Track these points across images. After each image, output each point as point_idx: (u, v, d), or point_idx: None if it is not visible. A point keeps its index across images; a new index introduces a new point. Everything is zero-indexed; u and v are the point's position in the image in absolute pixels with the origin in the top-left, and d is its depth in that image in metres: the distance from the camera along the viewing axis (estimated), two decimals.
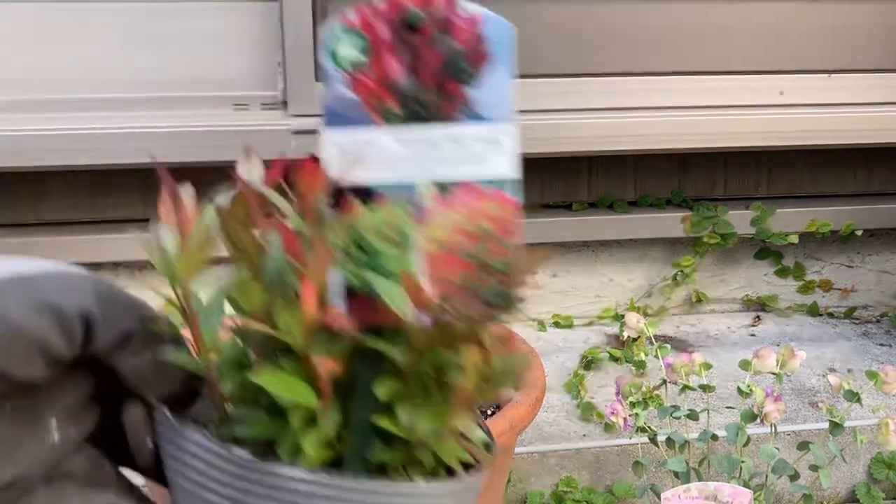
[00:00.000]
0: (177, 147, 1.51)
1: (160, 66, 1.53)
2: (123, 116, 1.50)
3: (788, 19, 1.76)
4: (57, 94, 1.51)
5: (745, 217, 1.80)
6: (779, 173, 1.89)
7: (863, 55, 1.79)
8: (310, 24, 1.53)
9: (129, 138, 1.49)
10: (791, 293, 1.92)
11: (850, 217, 1.85)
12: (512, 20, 0.39)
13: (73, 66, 1.51)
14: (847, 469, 1.44)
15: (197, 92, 1.55)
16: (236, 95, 1.56)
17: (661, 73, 1.70)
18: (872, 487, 1.43)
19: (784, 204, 1.84)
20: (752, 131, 1.72)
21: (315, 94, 1.56)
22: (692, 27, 1.73)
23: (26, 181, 1.57)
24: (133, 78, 1.53)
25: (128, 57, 1.52)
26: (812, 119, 1.74)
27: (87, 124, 1.48)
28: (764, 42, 1.76)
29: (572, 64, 1.66)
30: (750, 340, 1.77)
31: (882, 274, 1.95)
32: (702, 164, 1.83)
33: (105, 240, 1.57)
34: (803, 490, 1.14)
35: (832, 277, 1.93)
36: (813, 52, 1.77)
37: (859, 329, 1.85)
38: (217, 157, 1.54)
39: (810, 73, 1.76)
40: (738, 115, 1.72)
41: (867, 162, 1.90)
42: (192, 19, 1.54)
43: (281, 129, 1.53)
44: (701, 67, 1.73)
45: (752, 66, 1.74)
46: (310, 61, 1.54)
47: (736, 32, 1.75)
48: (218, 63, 1.56)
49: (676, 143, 1.69)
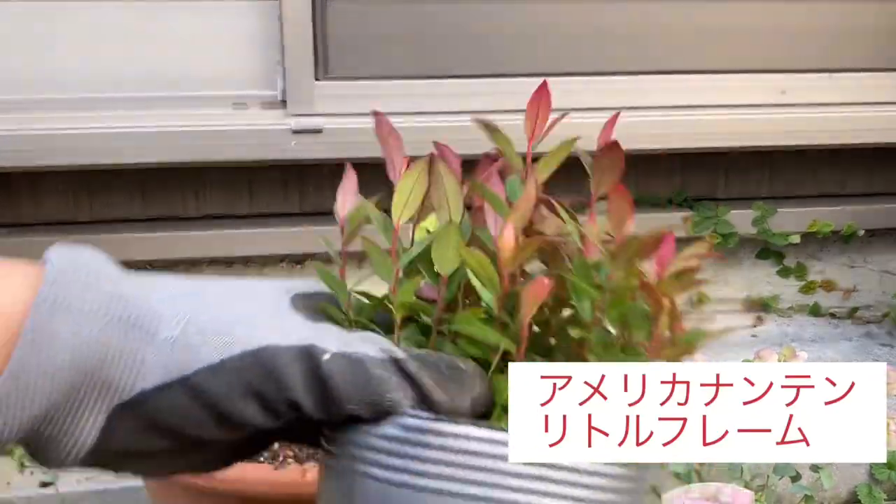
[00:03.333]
0: (176, 147, 1.50)
1: (159, 66, 1.53)
2: (123, 116, 1.50)
3: (790, 18, 1.76)
4: (56, 93, 1.51)
5: (746, 217, 1.80)
6: (780, 173, 1.88)
7: (865, 54, 1.79)
8: (309, 23, 1.52)
9: (129, 138, 1.48)
10: (793, 294, 1.91)
11: (852, 217, 1.84)
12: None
13: (72, 66, 1.51)
14: (848, 470, 1.44)
15: (196, 91, 1.54)
16: (236, 95, 1.56)
17: (660, 72, 1.70)
18: (874, 488, 1.43)
19: (785, 204, 1.84)
20: (753, 131, 1.72)
21: (314, 93, 1.55)
22: (692, 26, 1.73)
23: (26, 181, 1.56)
24: (132, 77, 1.53)
25: (127, 56, 1.52)
26: (814, 119, 1.73)
27: (87, 124, 1.48)
28: (765, 41, 1.75)
29: (572, 63, 1.66)
30: (751, 341, 1.76)
31: (884, 274, 1.94)
32: (703, 164, 1.82)
33: (104, 240, 1.57)
34: (805, 491, 1.13)
35: (834, 278, 1.92)
36: (815, 52, 1.77)
37: (861, 329, 1.85)
38: (217, 156, 1.55)
39: (812, 72, 1.75)
40: (739, 114, 1.71)
41: (869, 162, 1.90)
42: (191, 18, 1.53)
43: (280, 129, 1.52)
44: (702, 66, 1.72)
45: (754, 65, 1.74)
46: (309, 60, 1.54)
47: (737, 31, 1.74)
48: (217, 62, 1.55)
49: (677, 143, 1.68)
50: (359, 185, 0.50)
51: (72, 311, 0.39)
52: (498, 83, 1.59)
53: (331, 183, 1.67)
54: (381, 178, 0.49)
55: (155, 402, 0.40)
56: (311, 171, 1.62)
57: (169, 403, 0.40)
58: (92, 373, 0.40)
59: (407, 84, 1.59)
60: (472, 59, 1.64)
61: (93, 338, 0.39)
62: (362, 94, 1.57)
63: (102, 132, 1.48)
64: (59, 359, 0.39)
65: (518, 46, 1.65)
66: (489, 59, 1.64)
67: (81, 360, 0.39)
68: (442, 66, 1.61)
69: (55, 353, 0.39)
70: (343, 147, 1.52)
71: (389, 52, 1.60)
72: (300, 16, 1.51)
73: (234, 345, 0.40)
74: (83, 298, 0.40)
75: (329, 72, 1.57)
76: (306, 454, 1.00)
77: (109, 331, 0.40)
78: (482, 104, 1.52)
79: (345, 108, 1.55)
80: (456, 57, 1.63)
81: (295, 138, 1.52)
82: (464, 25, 1.63)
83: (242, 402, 0.40)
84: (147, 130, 1.49)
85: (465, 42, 1.64)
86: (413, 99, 1.56)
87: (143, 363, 0.40)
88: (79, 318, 0.39)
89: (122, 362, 0.40)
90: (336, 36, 1.57)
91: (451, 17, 1.62)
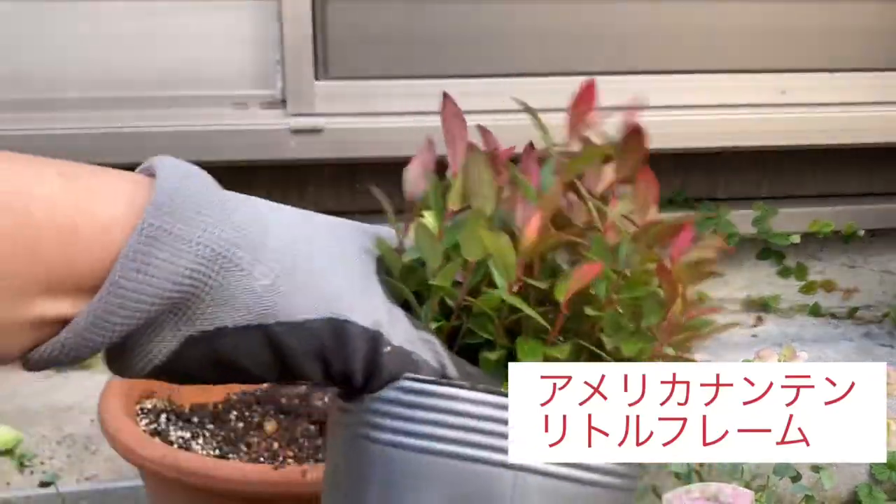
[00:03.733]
0: (175, 147, 1.50)
1: (158, 65, 1.53)
2: (122, 116, 1.50)
3: (790, 18, 1.75)
4: (55, 93, 1.50)
5: (746, 217, 1.80)
6: (780, 173, 1.88)
7: (866, 54, 1.79)
8: (309, 22, 1.52)
9: (128, 138, 1.48)
10: (793, 294, 1.91)
11: (853, 217, 1.84)
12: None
13: (71, 66, 1.51)
14: (849, 470, 1.43)
15: (195, 91, 1.54)
16: (235, 94, 1.56)
17: (660, 71, 1.70)
18: (874, 489, 1.43)
19: (786, 204, 1.84)
20: (753, 130, 1.72)
21: (314, 93, 1.55)
22: (692, 26, 1.72)
23: None
24: (131, 77, 1.52)
25: (126, 56, 1.52)
26: (814, 118, 1.73)
27: (86, 124, 1.48)
28: (765, 41, 1.75)
29: (572, 64, 1.66)
30: (752, 341, 1.76)
31: (884, 274, 1.94)
32: (703, 164, 1.82)
33: None
34: (805, 491, 1.13)
35: (834, 278, 1.92)
36: (815, 51, 1.77)
37: (861, 329, 1.85)
38: (216, 156, 1.54)
39: (812, 72, 1.75)
40: (739, 114, 1.71)
41: (869, 161, 1.90)
42: (190, 17, 1.53)
43: (280, 129, 1.52)
44: (702, 66, 1.72)
45: (754, 65, 1.74)
46: (309, 60, 1.54)
47: (737, 31, 1.74)
48: (216, 62, 1.55)
49: (677, 143, 1.68)
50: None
51: (174, 239, 0.40)
52: (498, 83, 1.59)
53: (330, 182, 1.68)
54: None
55: (231, 339, 0.42)
56: (311, 171, 1.62)
57: (243, 344, 0.43)
58: (180, 301, 0.41)
59: (407, 84, 1.58)
60: (472, 59, 1.64)
61: (189, 269, 0.41)
62: (362, 94, 1.57)
63: (102, 132, 1.48)
64: (154, 284, 0.40)
65: (518, 46, 1.65)
66: (489, 59, 1.64)
67: (174, 288, 0.41)
68: (442, 66, 1.61)
69: (151, 277, 0.40)
70: (343, 147, 1.52)
71: (389, 52, 1.60)
72: (300, 15, 1.51)
73: (318, 309, 0.43)
74: (187, 225, 0.41)
75: (329, 72, 1.57)
76: (306, 454, 1.00)
77: (206, 264, 0.41)
78: (482, 104, 1.52)
79: (345, 108, 1.54)
80: (456, 57, 1.63)
81: (295, 138, 1.52)
82: (464, 25, 1.63)
83: (310, 361, 0.43)
84: (146, 130, 1.49)
85: (465, 42, 1.64)
86: (413, 99, 1.56)
87: (230, 302, 0.42)
88: (179, 247, 0.40)
89: (209, 296, 0.42)
90: (336, 36, 1.56)
91: (450, 17, 1.62)
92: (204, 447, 1.00)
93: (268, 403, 1.09)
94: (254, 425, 1.05)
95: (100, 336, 0.40)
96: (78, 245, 0.39)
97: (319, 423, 1.06)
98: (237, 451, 1.00)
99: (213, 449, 1.00)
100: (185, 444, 0.99)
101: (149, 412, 1.04)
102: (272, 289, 0.42)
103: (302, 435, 1.04)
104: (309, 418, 1.07)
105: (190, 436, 1.01)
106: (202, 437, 1.02)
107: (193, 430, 1.03)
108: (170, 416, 1.04)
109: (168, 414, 1.04)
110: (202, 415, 1.06)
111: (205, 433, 1.03)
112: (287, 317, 0.42)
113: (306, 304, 0.43)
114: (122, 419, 0.96)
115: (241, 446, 1.01)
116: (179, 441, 1.00)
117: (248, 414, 1.07)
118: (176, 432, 1.01)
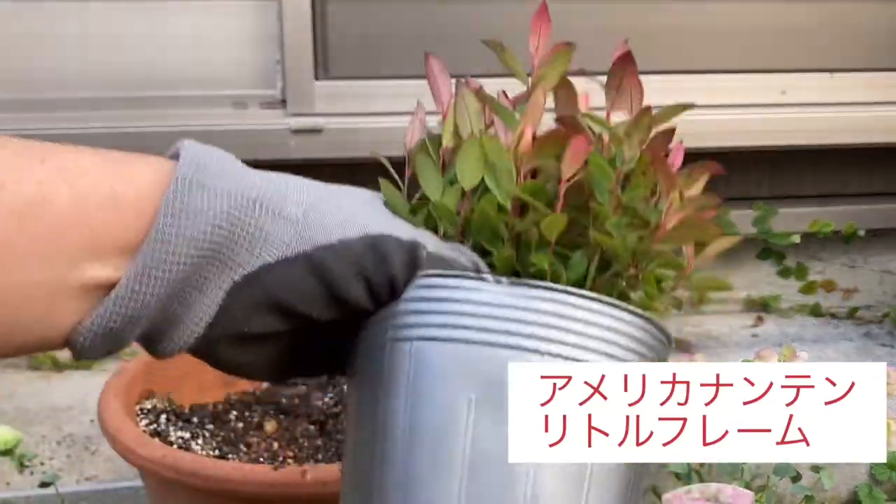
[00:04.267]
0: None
1: (158, 65, 1.53)
2: (122, 116, 1.50)
3: (790, 18, 1.75)
4: (55, 93, 1.50)
5: (746, 217, 1.80)
6: (780, 173, 1.88)
7: (865, 54, 1.79)
8: (309, 23, 1.52)
9: (128, 138, 1.48)
10: (793, 294, 1.91)
11: (853, 217, 1.84)
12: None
13: (70, 65, 1.51)
14: (849, 470, 1.43)
15: (195, 91, 1.54)
16: (235, 94, 1.56)
17: (660, 71, 1.70)
18: (875, 489, 1.43)
19: (786, 204, 1.83)
20: (753, 130, 1.72)
21: (314, 93, 1.55)
22: (692, 26, 1.72)
23: None
24: (131, 77, 1.52)
25: (126, 56, 1.52)
26: (814, 118, 1.73)
27: (86, 124, 1.48)
28: (765, 41, 1.75)
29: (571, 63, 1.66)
30: (752, 341, 1.76)
31: (884, 274, 1.94)
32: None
33: None
34: (805, 491, 1.13)
35: (834, 278, 1.92)
36: (815, 51, 1.77)
37: (861, 330, 1.85)
38: None
39: (812, 72, 1.75)
40: (739, 114, 1.71)
41: (869, 161, 1.90)
42: (190, 18, 1.53)
43: (280, 129, 1.52)
44: (702, 66, 1.72)
45: (754, 64, 1.74)
46: (309, 60, 1.54)
47: (737, 31, 1.74)
48: (216, 62, 1.55)
49: (677, 143, 1.68)
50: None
51: (207, 189, 0.43)
52: (498, 83, 1.59)
53: (330, 182, 1.68)
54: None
55: (274, 275, 0.45)
56: (311, 171, 1.60)
57: (287, 278, 0.45)
58: (220, 246, 0.44)
59: (407, 84, 1.58)
60: (472, 59, 1.63)
61: (224, 213, 0.43)
62: (362, 94, 1.57)
63: (102, 132, 1.48)
64: (196, 229, 0.43)
65: (517, 46, 1.65)
66: (489, 59, 1.63)
67: (214, 232, 0.43)
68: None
69: (193, 223, 0.43)
70: (343, 147, 1.52)
71: (389, 52, 1.60)
72: (300, 15, 1.51)
73: (352, 229, 0.46)
74: (216, 181, 0.44)
75: (329, 72, 1.57)
76: (306, 454, 1.00)
77: (238, 208, 0.44)
78: None
79: (345, 108, 1.54)
80: (456, 57, 1.63)
81: (294, 138, 1.52)
82: (464, 25, 1.63)
83: (353, 283, 0.45)
84: (146, 130, 1.49)
85: (465, 42, 1.63)
86: (413, 99, 1.56)
87: (266, 239, 0.44)
88: (213, 195, 0.43)
89: (247, 237, 0.44)
90: (336, 36, 1.56)
91: (451, 17, 1.62)
92: (204, 447, 1.00)
93: (268, 403, 1.09)
94: (253, 425, 1.05)
95: (148, 291, 0.42)
96: (120, 210, 0.42)
97: (319, 423, 1.06)
98: (237, 452, 1.00)
99: (212, 449, 1.00)
100: (185, 444, 0.99)
101: (148, 412, 1.04)
102: (303, 219, 0.45)
103: (302, 435, 1.03)
104: (309, 418, 1.07)
105: (190, 436, 1.01)
106: (202, 438, 1.01)
107: (193, 430, 1.03)
108: (169, 416, 1.04)
109: (168, 414, 1.04)
110: (202, 415, 1.06)
111: (204, 433, 1.03)
112: (325, 240, 0.45)
113: (340, 227, 0.46)
114: (121, 419, 0.96)
115: (240, 446, 1.01)
116: (179, 441, 1.00)
117: (247, 414, 1.07)
118: (176, 432, 1.01)
